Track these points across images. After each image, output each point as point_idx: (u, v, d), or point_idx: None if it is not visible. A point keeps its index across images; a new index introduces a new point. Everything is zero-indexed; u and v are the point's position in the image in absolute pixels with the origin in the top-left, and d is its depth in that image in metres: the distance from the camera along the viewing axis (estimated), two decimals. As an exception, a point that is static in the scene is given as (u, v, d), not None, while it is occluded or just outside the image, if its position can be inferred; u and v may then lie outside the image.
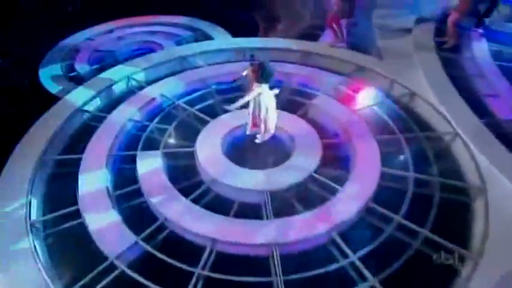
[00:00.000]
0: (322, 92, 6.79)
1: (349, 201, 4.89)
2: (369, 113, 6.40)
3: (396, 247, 4.53)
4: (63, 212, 4.84)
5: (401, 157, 5.61)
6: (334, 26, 7.79)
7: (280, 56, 7.73)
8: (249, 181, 5.08)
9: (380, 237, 4.59)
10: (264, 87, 5.11)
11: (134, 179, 5.24)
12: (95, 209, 4.79)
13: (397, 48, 7.83)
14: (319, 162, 5.35)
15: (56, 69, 7.91)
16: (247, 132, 5.64)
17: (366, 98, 6.67)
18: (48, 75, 7.66)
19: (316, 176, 5.21)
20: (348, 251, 4.44)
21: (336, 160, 5.61)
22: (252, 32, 9.03)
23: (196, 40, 8.80)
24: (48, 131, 5.80)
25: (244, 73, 5.27)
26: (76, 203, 4.91)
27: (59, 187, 5.28)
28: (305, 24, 9.70)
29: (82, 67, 8.04)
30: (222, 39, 8.77)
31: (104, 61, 8.19)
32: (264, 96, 5.18)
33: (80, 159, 5.43)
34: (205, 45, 8.19)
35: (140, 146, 5.69)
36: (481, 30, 8.13)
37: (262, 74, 4.99)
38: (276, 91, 5.31)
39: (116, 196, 5.07)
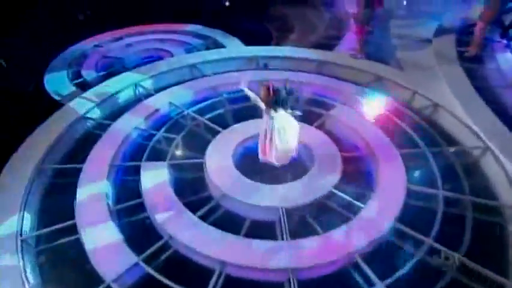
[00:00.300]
0: (339, 102, 6.32)
1: (373, 221, 4.37)
2: (391, 125, 5.90)
3: (428, 273, 4.01)
4: (58, 226, 4.37)
5: (428, 173, 5.06)
6: (359, 35, 7.34)
7: (296, 65, 7.36)
8: (263, 197, 4.59)
9: (410, 262, 4.06)
10: (279, 112, 4.42)
11: (137, 192, 4.78)
12: (93, 225, 4.31)
13: (417, 58, 7.43)
14: (339, 178, 4.84)
15: (62, 75, 7.56)
16: (261, 160, 4.92)
17: (387, 110, 6.17)
18: (54, 81, 7.30)
19: (337, 192, 4.70)
20: (373, 277, 3.89)
21: (357, 175, 5.11)
22: (265, 41, 8.65)
23: (207, 48, 8.44)
24: (49, 139, 5.39)
25: (244, 87, 4.51)
26: (73, 216, 4.43)
27: (56, 199, 4.84)
28: (319, 34, 9.33)
29: (88, 73, 7.68)
30: (234, 48, 8.34)
31: (111, 68, 7.84)
32: (278, 123, 4.45)
33: (80, 169, 4.98)
34: (216, 53, 7.82)
35: (145, 157, 5.27)
36: (505, 41, 7.64)
37: (275, 104, 4.33)
38: (297, 113, 4.65)
39: (117, 210, 4.61)
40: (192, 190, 4.90)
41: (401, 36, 8.35)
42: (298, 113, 4.74)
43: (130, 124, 5.79)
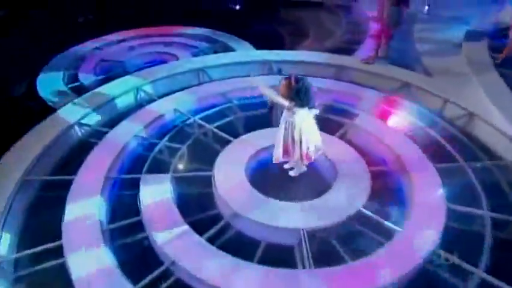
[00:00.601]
0: (363, 110, 5.84)
1: (410, 247, 3.82)
2: (422, 135, 5.42)
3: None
4: (41, 248, 3.84)
5: (469, 191, 4.53)
6: (384, 38, 6.89)
7: (313, 71, 6.87)
8: (281, 216, 4.06)
9: (457, 298, 3.49)
10: (300, 110, 4.08)
11: (135, 209, 4.27)
12: (83, 245, 3.77)
13: (447, 64, 6.96)
14: (367, 195, 4.31)
15: (57, 78, 7.16)
16: (274, 161, 4.55)
17: (416, 119, 5.69)
18: (47, 84, 6.90)
19: (366, 212, 4.16)
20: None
21: (387, 193, 4.59)
22: (278, 46, 8.17)
23: (215, 52, 8.01)
24: (37, 148, 4.91)
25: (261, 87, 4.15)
26: (60, 237, 3.90)
27: (42, 216, 4.35)
28: (336, 38, 8.95)
29: (85, 77, 7.29)
30: (244, 51, 7.93)
31: (111, 72, 7.47)
32: (300, 119, 4.13)
33: (71, 182, 4.49)
34: (225, 57, 7.41)
35: (145, 168, 4.79)
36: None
37: (298, 95, 3.93)
38: (316, 111, 4.23)
39: (111, 230, 4.09)
40: (198, 207, 4.40)
41: (426, 41, 7.93)
42: (316, 110, 4.23)
43: (130, 132, 5.33)
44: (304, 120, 4.17)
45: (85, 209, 4.15)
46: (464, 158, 4.93)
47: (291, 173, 4.69)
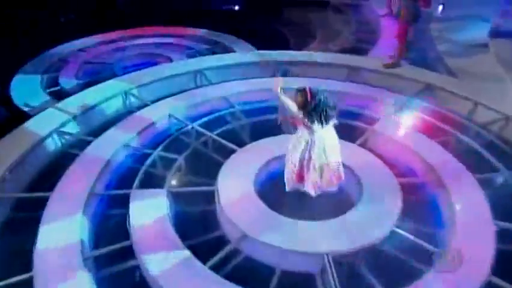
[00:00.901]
0: (384, 115, 5.47)
1: (458, 274, 3.37)
2: (454, 142, 5.06)
3: None
4: (6, 282, 3.33)
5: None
6: (402, 37, 6.55)
7: (323, 72, 6.58)
8: (299, 239, 3.63)
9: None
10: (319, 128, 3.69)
11: (124, 232, 3.81)
12: (59, 279, 3.28)
13: (474, 64, 6.72)
14: (400, 212, 3.87)
15: (34, 82, 6.77)
16: (287, 188, 4.14)
17: (444, 124, 5.34)
18: (22, 89, 6.52)
19: (401, 232, 3.71)
20: None
21: (423, 208, 4.19)
22: (281, 47, 7.80)
23: (214, 54, 7.66)
24: (8, 160, 4.48)
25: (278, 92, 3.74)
26: (30, 267, 3.41)
27: (13, 241, 3.88)
28: (344, 38, 8.71)
29: (67, 81, 6.93)
30: (246, 52, 7.59)
31: (96, 75, 7.11)
32: (321, 137, 3.73)
33: (47, 199, 4.03)
34: (226, 58, 7.09)
35: (136, 183, 4.36)
36: None
37: (315, 111, 3.55)
38: (334, 121, 3.83)
39: (96, 258, 3.65)
40: (200, 228, 4.00)
41: (446, 41, 7.73)
42: (335, 121, 3.83)
43: (118, 141, 4.92)
44: (326, 137, 3.77)
45: (64, 232, 3.67)
46: (506, 166, 4.55)
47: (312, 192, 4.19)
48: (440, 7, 9.73)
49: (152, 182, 4.44)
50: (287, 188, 4.11)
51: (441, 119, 5.41)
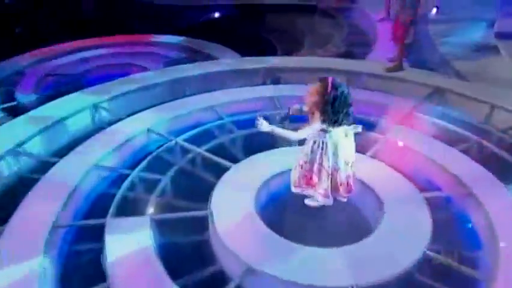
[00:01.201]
0: (395, 122, 5.19)
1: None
2: (476, 149, 4.80)
3: None
4: None
5: None
6: (401, 39, 6.39)
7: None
8: (317, 269, 3.18)
9: None
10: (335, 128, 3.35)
11: (99, 272, 3.27)
12: None
13: (485, 67, 6.67)
14: (430, 232, 3.49)
15: (-17, 97, 6.34)
16: (293, 190, 3.79)
17: (463, 129, 5.08)
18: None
19: (435, 255, 3.32)
20: None
21: (455, 226, 3.84)
22: (269, 54, 7.59)
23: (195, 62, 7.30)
24: None
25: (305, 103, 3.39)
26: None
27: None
28: (337, 43, 8.60)
29: (24, 96, 6.51)
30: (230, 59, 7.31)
31: (59, 88, 6.67)
32: (335, 139, 3.40)
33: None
34: (209, 66, 6.75)
35: (112, 210, 3.84)
36: None
37: (333, 106, 3.14)
38: (358, 128, 3.53)
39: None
40: (192, 263, 3.48)
41: (449, 43, 7.71)
42: (358, 127, 3.50)
43: (87, 162, 4.39)
44: (342, 141, 3.42)
45: (19, 276, 3.10)
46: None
47: (309, 202, 3.83)
48: (434, 10, 9.82)
49: (131, 208, 3.96)
50: (292, 190, 3.74)
51: (457, 124, 5.13)
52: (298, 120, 3.60)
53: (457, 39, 7.77)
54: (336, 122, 3.20)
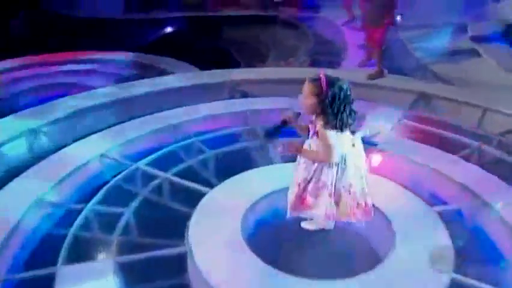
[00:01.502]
0: (384, 132, 5.06)
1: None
2: (478, 155, 4.69)
3: None
4: None
5: None
6: (380, 44, 6.42)
7: (290, 90, 5.96)
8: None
9: None
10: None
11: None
12: None
13: (465, 71, 6.87)
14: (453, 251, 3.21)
15: None
16: (288, 214, 3.33)
17: (458, 135, 5.03)
18: None
19: (465, 280, 3.01)
20: None
21: (474, 241, 3.59)
22: (231, 67, 7.36)
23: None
24: None
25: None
26: None
27: None
28: (305, 53, 8.52)
29: None
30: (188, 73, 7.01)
31: None
32: (342, 149, 2.97)
33: None
34: (167, 81, 6.42)
35: (63, 255, 3.28)
36: None
37: (332, 105, 2.76)
38: (366, 131, 3.42)
39: None
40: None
41: (424, 49, 7.91)
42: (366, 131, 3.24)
43: (27, 197, 3.79)
44: (351, 152, 3.01)
45: None
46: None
47: (306, 226, 3.47)
48: (399, 17, 10.03)
49: (88, 251, 3.43)
50: (288, 214, 3.28)
51: (451, 130, 5.09)
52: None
53: (431, 44, 8.00)
54: (342, 125, 2.85)
